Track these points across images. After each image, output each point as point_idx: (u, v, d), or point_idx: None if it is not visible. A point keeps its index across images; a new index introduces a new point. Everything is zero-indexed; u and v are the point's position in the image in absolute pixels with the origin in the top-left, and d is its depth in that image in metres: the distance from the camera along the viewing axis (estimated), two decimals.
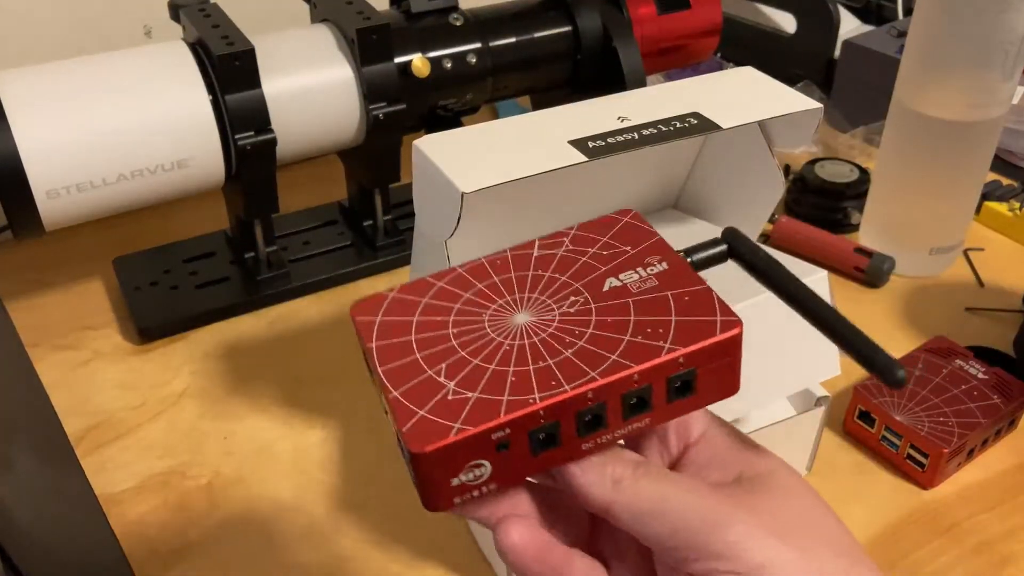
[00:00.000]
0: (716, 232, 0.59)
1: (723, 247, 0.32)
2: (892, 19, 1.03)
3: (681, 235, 0.50)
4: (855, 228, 0.77)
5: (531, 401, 0.26)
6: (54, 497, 0.46)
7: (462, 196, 0.40)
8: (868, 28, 1.01)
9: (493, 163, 0.43)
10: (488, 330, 0.29)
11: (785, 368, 0.51)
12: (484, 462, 0.26)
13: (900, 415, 0.55)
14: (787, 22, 0.99)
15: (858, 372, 0.63)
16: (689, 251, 0.31)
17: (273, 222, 0.71)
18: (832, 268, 0.71)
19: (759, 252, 0.32)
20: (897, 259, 0.71)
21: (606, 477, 0.28)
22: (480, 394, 0.26)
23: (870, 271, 0.71)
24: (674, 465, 0.31)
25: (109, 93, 0.59)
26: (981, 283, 0.73)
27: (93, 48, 0.62)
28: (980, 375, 0.58)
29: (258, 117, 0.62)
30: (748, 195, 0.57)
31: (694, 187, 0.59)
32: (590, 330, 0.28)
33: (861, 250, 0.72)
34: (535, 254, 0.31)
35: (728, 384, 0.29)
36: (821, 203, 0.77)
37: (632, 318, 0.28)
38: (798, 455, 0.55)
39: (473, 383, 0.27)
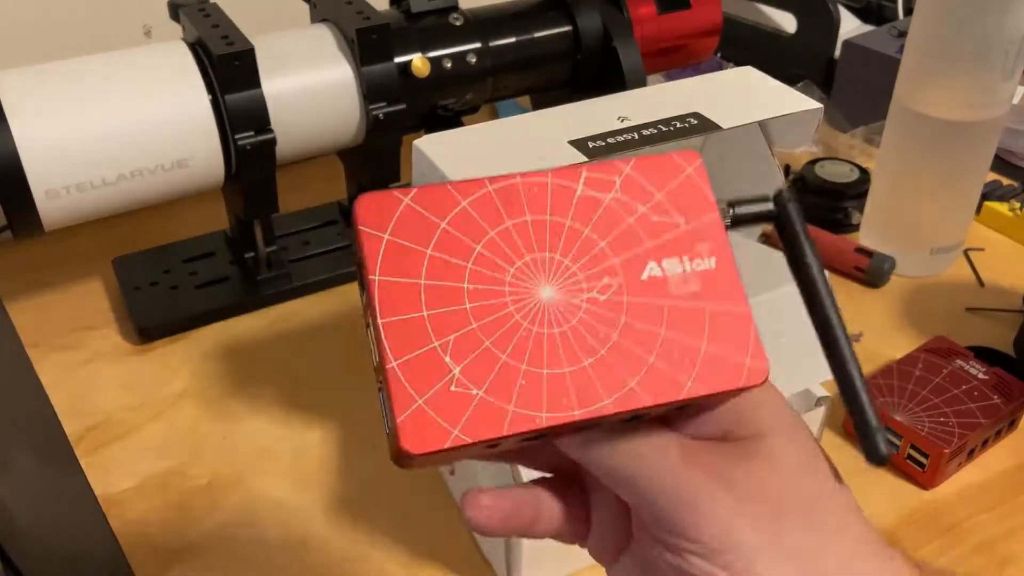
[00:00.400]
0: None
1: (770, 207, 0.29)
2: (892, 19, 1.03)
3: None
4: (855, 228, 0.77)
5: (537, 420, 0.25)
6: (54, 497, 0.46)
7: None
8: (868, 28, 1.01)
9: (493, 163, 0.43)
10: (508, 300, 0.26)
11: (785, 368, 0.51)
12: (471, 453, 0.26)
13: (900, 415, 0.55)
14: (787, 22, 0.99)
15: None
16: (733, 203, 0.29)
17: (273, 222, 0.71)
18: (832, 268, 0.71)
19: (805, 239, 0.29)
20: (897, 259, 0.71)
21: (578, 437, 0.28)
22: (486, 394, 0.25)
23: (870, 271, 0.71)
24: None
25: (109, 93, 0.59)
26: (981, 283, 0.73)
27: (93, 48, 0.62)
28: (980, 375, 0.58)
29: (258, 117, 0.61)
30: (749, 195, 0.57)
31: None
32: (615, 336, 0.26)
33: (861, 250, 0.72)
34: (579, 192, 0.27)
35: (718, 406, 0.28)
36: (821, 203, 0.77)
37: (662, 332, 0.26)
38: None
39: (481, 375, 0.25)
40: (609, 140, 0.44)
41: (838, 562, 0.27)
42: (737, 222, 0.29)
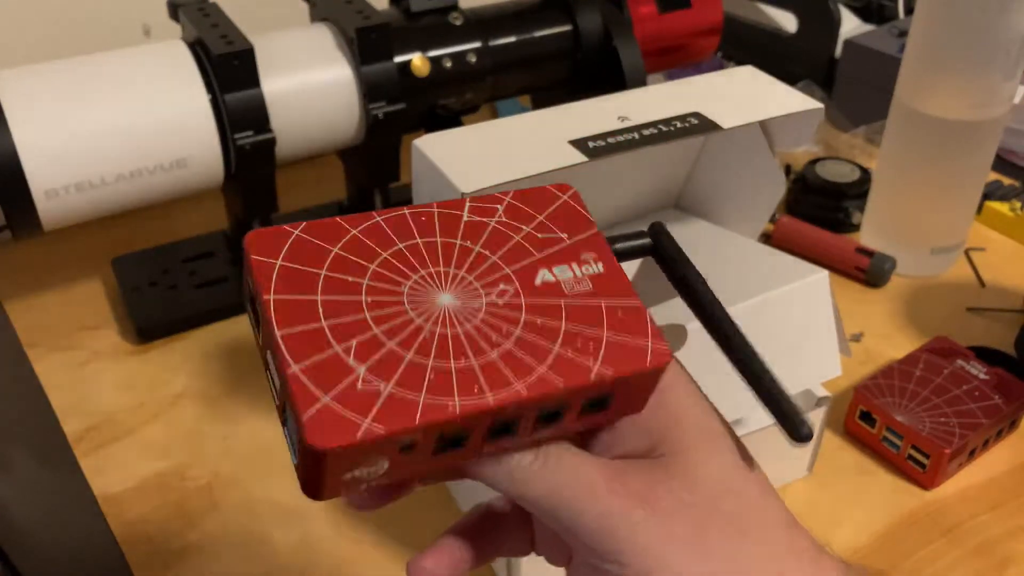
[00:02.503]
0: (718, 233, 0.59)
1: (647, 241, 0.31)
2: (893, 18, 1.03)
3: (681, 235, 0.50)
4: (856, 228, 0.77)
5: (450, 407, 0.24)
6: (53, 498, 0.46)
7: (462, 196, 0.40)
8: (869, 27, 1.01)
9: (493, 163, 0.42)
10: (407, 307, 0.26)
11: (785, 368, 0.50)
12: (384, 460, 0.25)
13: (901, 415, 0.55)
14: (788, 21, 0.99)
15: (859, 372, 0.62)
16: (611, 240, 0.30)
17: (273, 222, 0.71)
18: (833, 268, 0.71)
19: (682, 261, 0.30)
20: (898, 259, 0.71)
21: (500, 469, 0.27)
22: (394, 387, 0.24)
23: (871, 271, 0.71)
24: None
25: (108, 93, 0.59)
26: (982, 283, 0.72)
27: (92, 48, 0.62)
28: (981, 375, 0.58)
29: (257, 117, 0.61)
30: (749, 195, 0.57)
31: (695, 187, 0.59)
32: (518, 331, 0.26)
33: (862, 250, 0.72)
34: (465, 218, 0.28)
35: (637, 405, 0.28)
36: (822, 203, 0.77)
37: (563, 325, 0.27)
38: (799, 456, 0.55)
39: (387, 372, 0.24)
40: (609, 140, 0.44)
41: (767, 574, 0.27)
42: (616, 258, 0.30)
